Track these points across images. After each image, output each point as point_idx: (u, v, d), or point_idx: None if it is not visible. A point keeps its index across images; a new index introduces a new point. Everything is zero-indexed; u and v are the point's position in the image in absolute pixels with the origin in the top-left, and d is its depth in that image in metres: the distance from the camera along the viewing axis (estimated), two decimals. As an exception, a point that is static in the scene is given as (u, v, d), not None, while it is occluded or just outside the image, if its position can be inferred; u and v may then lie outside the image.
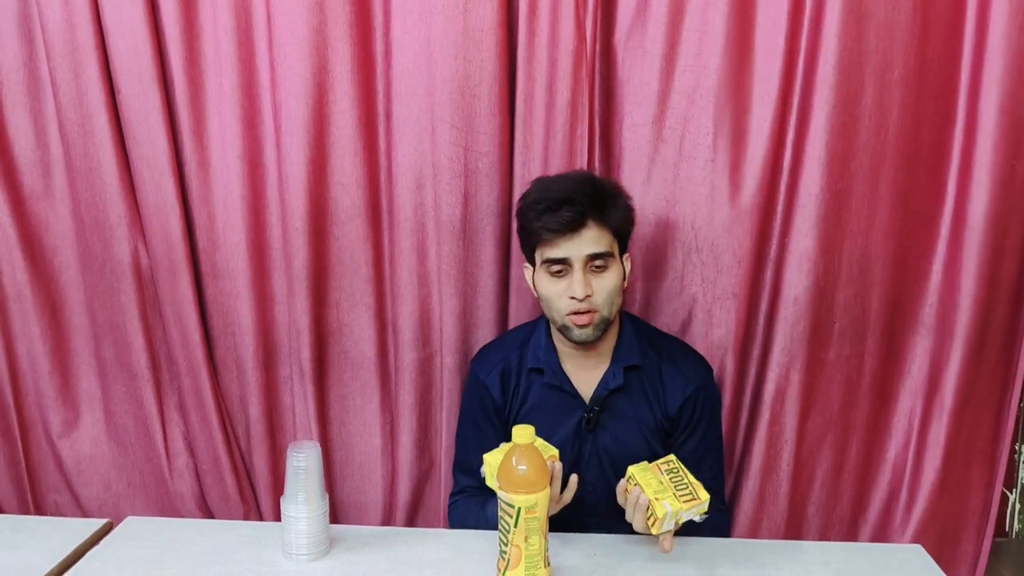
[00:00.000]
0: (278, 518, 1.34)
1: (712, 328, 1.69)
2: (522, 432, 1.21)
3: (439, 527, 1.79)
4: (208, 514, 1.86)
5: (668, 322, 1.72)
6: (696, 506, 1.25)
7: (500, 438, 1.52)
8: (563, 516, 1.35)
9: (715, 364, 1.65)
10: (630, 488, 1.30)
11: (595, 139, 1.66)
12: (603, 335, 1.45)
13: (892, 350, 1.72)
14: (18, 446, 1.86)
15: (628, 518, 1.31)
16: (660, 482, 1.28)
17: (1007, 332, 1.70)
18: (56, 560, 1.31)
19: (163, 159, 1.65)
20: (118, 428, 1.86)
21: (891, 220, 1.64)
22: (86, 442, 1.87)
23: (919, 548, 1.42)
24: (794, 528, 1.77)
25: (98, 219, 1.72)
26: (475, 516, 1.49)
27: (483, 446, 1.47)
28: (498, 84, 1.61)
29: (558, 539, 1.36)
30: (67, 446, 1.87)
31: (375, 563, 1.33)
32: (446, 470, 1.75)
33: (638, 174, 1.66)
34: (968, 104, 1.60)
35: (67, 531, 1.40)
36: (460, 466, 1.60)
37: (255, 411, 1.79)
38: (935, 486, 1.72)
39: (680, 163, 1.65)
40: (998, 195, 1.58)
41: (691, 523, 1.29)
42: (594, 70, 1.63)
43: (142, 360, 1.79)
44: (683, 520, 1.27)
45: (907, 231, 1.66)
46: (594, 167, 1.66)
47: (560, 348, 1.52)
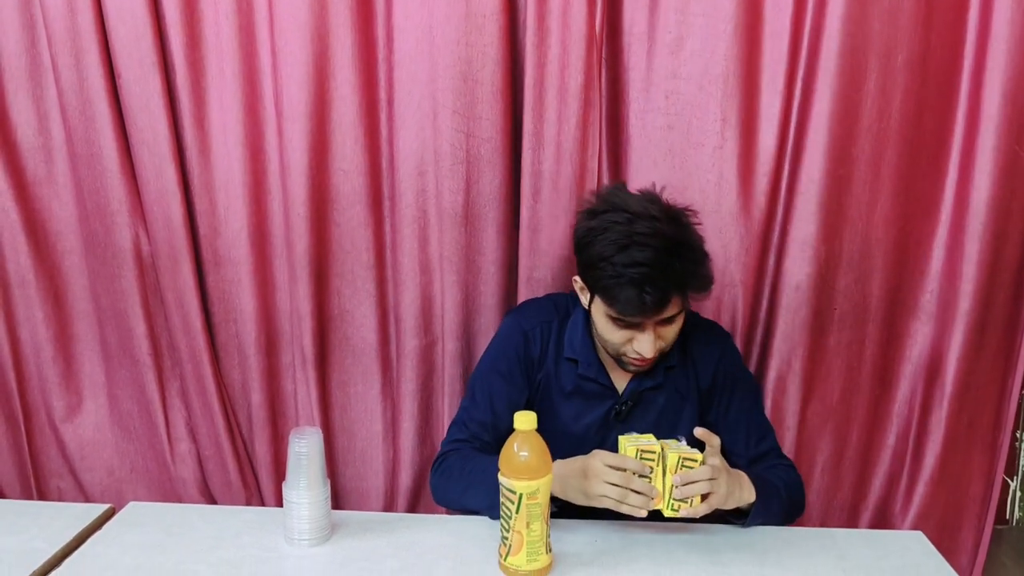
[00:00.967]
0: (280, 504, 1.35)
1: (719, 316, 1.68)
2: (524, 419, 1.21)
3: (441, 514, 1.80)
4: (210, 500, 1.87)
5: (673, 310, 1.71)
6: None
7: (526, 396, 1.48)
8: (576, 507, 1.33)
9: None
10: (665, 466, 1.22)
11: (603, 125, 1.66)
12: None
13: (893, 336, 1.72)
14: (21, 431, 1.87)
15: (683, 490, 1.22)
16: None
17: (1008, 319, 1.70)
18: (59, 545, 1.31)
19: (164, 145, 1.65)
20: (121, 414, 1.87)
21: (893, 206, 1.63)
22: (89, 428, 1.88)
23: (919, 535, 1.42)
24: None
25: (100, 205, 1.71)
26: (467, 478, 1.40)
27: (510, 397, 1.45)
28: (501, 69, 1.60)
29: (560, 525, 1.36)
30: (70, 431, 1.88)
31: (377, 548, 1.33)
32: (448, 456, 1.75)
33: (646, 161, 1.65)
34: (971, 90, 1.59)
35: (70, 516, 1.40)
36: (466, 419, 1.49)
37: (257, 397, 1.79)
38: (935, 473, 1.73)
39: (688, 150, 1.64)
40: (1000, 181, 1.58)
41: (787, 485, 1.36)
42: (602, 56, 1.62)
43: (144, 346, 1.79)
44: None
45: (908, 217, 1.65)
46: (602, 154, 1.65)
47: (599, 345, 1.46)
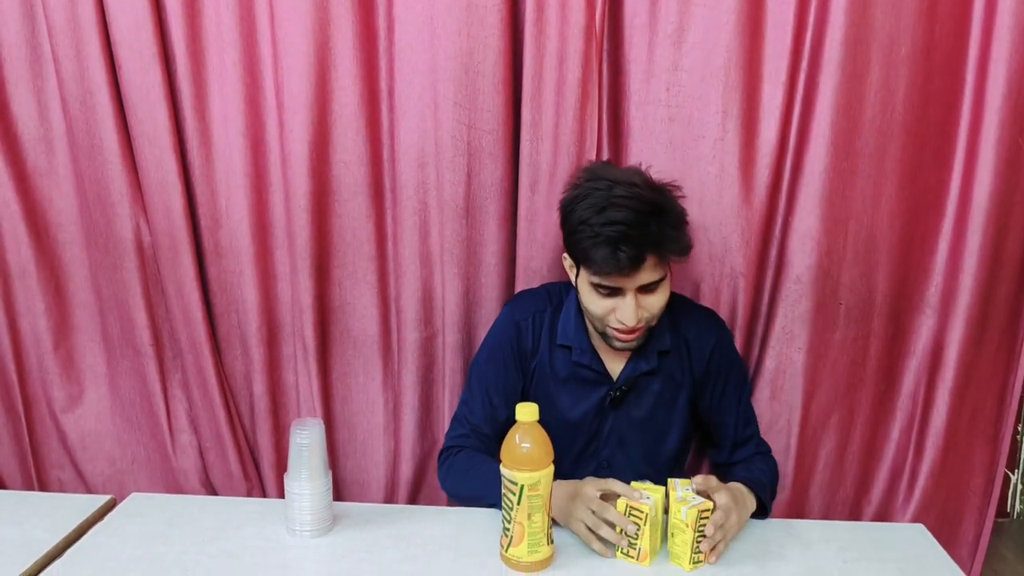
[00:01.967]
0: (282, 495, 1.35)
1: (718, 307, 1.68)
2: (526, 410, 1.21)
3: (441, 505, 1.80)
4: (212, 491, 1.87)
5: (674, 300, 1.71)
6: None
7: (520, 387, 1.50)
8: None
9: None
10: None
11: (603, 117, 1.65)
12: None
13: (897, 331, 1.72)
14: (22, 422, 1.87)
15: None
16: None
17: (1010, 312, 1.70)
18: (60, 535, 1.31)
19: (164, 136, 1.64)
20: (122, 404, 1.87)
21: (897, 200, 1.62)
22: (90, 418, 1.88)
23: (920, 527, 1.43)
24: (796, 510, 1.77)
25: (100, 196, 1.71)
26: (471, 482, 1.44)
27: (506, 389, 1.46)
28: (502, 61, 1.59)
29: (560, 517, 1.36)
30: (71, 422, 1.88)
31: (378, 539, 1.33)
32: (449, 448, 1.75)
33: (647, 153, 1.65)
34: (975, 83, 1.58)
35: (71, 507, 1.41)
36: (466, 413, 1.52)
37: (259, 388, 1.79)
38: (937, 466, 1.72)
39: (689, 142, 1.64)
40: (1003, 174, 1.57)
41: (771, 478, 1.47)
42: (602, 47, 1.61)
43: (145, 337, 1.79)
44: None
45: (913, 211, 1.65)
46: (602, 146, 1.65)
47: (591, 329, 1.48)
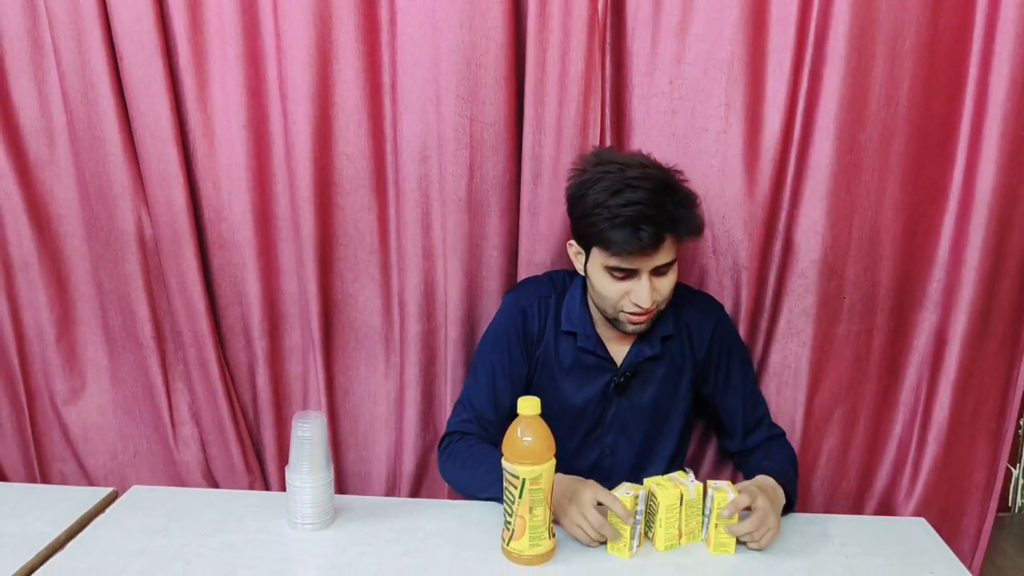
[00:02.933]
0: (283, 488, 1.35)
1: (722, 300, 1.67)
2: (528, 403, 1.21)
3: (443, 499, 1.80)
4: (213, 484, 1.87)
5: (678, 292, 1.70)
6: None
7: (525, 373, 1.52)
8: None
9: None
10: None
11: (606, 110, 1.65)
12: None
13: (901, 326, 1.71)
14: (25, 415, 1.87)
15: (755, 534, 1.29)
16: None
17: (1013, 307, 1.69)
18: (62, 528, 1.31)
19: (166, 128, 1.64)
20: (125, 397, 1.87)
21: (901, 193, 1.62)
22: (92, 411, 1.88)
23: (922, 521, 1.43)
24: (798, 503, 1.75)
25: (102, 188, 1.71)
26: (469, 472, 1.44)
27: (511, 375, 1.47)
28: (505, 54, 1.59)
29: (562, 510, 1.36)
30: (73, 414, 1.88)
31: (379, 533, 1.33)
32: (451, 442, 1.75)
33: (649, 146, 1.64)
34: (979, 76, 1.57)
35: (73, 499, 1.41)
36: (470, 398, 1.53)
37: (261, 380, 1.79)
38: (939, 461, 1.72)
39: (691, 135, 1.63)
40: (1006, 168, 1.57)
41: (792, 465, 1.52)
42: (605, 40, 1.60)
43: (147, 330, 1.79)
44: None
45: (917, 204, 1.64)
46: (605, 138, 1.65)
47: (596, 316, 1.50)
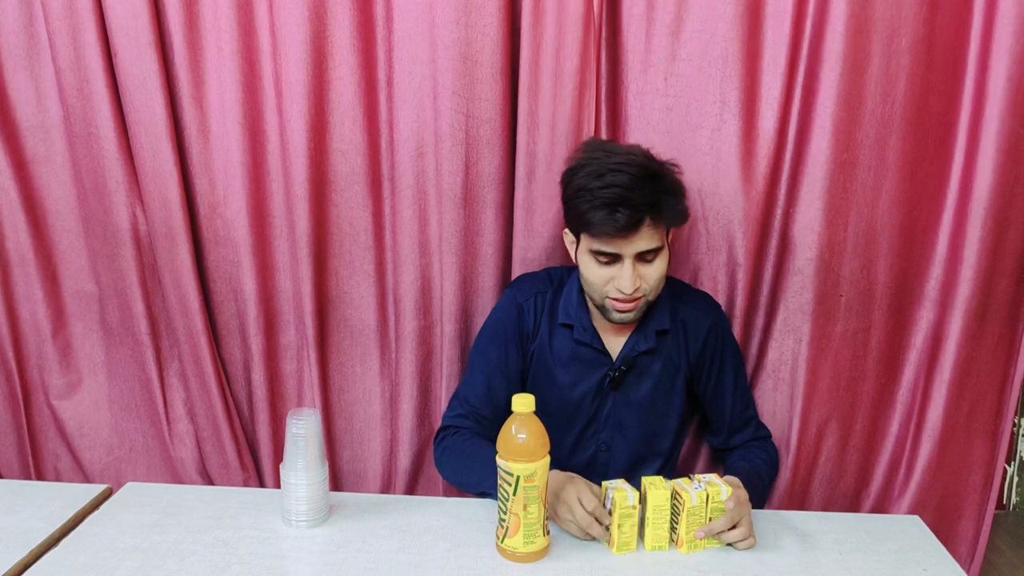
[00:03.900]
0: (278, 485, 1.35)
1: (717, 297, 1.67)
2: (522, 401, 1.21)
3: (439, 496, 1.80)
4: (208, 480, 1.86)
5: (672, 290, 1.70)
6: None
7: (520, 368, 1.53)
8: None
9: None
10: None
11: (601, 107, 1.65)
12: None
13: (898, 323, 1.71)
14: (20, 410, 1.87)
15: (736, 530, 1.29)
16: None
17: (1010, 305, 1.69)
18: (56, 524, 1.31)
19: (161, 124, 1.63)
20: (120, 393, 1.87)
21: (898, 191, 1.62)
22: (88, 406, 1.88)
23: (916, 519, 1.44)
24: (797, 502, 1.77)
25: (97, 184, 1.70)
26: (463, 465, 1.45)
27: (507, 371, 1.48)
28: (500, 50, 1.58)
29: (557, 508, 1.36)
30: (69, 410, 1.87)
31: (374, 530, 1.33)
32: (446, 439, 1.75)
33: (644, 142, 1.62)
34: (977, 73, 1.57)
35: (67, 496, 1.41)
36: (466, 393, 1.55)
37: (257, 377, 1.79)
38: (933, 460, 1.71)
39: (686, 132, 1.63)
40: (1003, 165, 1.56)
41: (769, 466, 1.54)
42: (600, 37, 1.60)
43: (142, 326, 1.78)
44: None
45: (914, 202, 1.64)
46: (600, 135, 1.65)
47: (592, 308, 1.50)
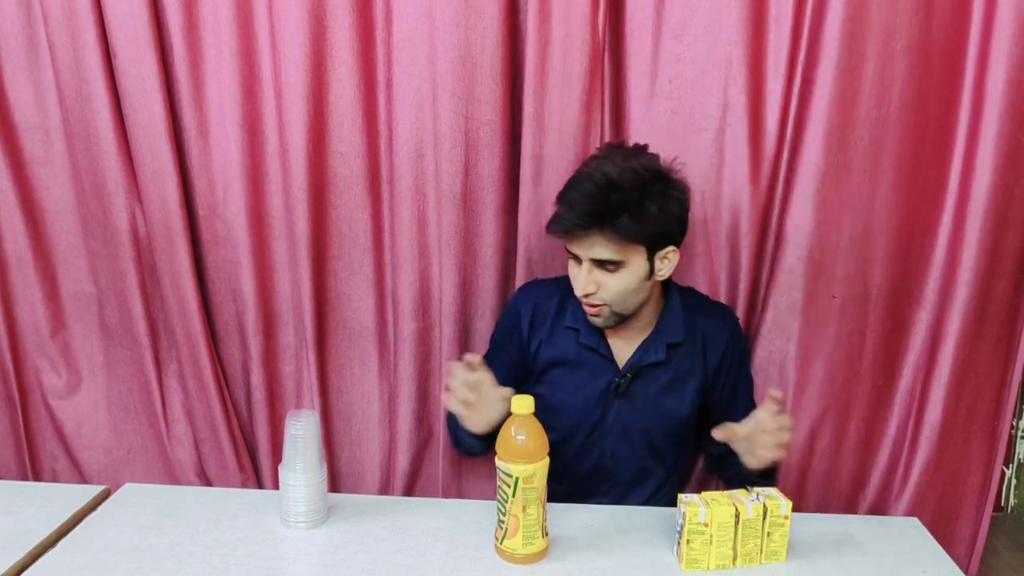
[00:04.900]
0: (277, 486, 1.35)
1: (718, 298, 1.68)
2: (521, 403, 1.21)
3: (437, 497, 1.80)
4: (206, 482, 1.86)
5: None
6: None
7: (517, 368, 1.54)
8: (577, 480, 1.34)
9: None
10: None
11: (605, 109, 1.65)
12: (639, 311, 1.45)
13: (896, 326, 1.71)
14: (18, 411, 1.86)
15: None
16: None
17: (1009, 307, 1.69)
18: (54, 525, 1.31)
19: (160, 126, 1.63)
20: (119, 394, 1.87)
21: (895, 193, 1.62)
22: (86, 407, 1.88)
23: (915, 520, 1.44)
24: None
25: (96, 185, 1.70)
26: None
27: (507, 367, 1.50)
28: (501, 52, 1.58)
29: (556, 509, 1.37)
30: (67, 411, 1.87)
31: (373, 531, 1.33)
32: (444, 440, 1.75)
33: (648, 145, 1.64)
34: (975, 76, 1.57)
35: (66, 497, 1.41)
36: None
37: (256, 379, 1.79)
38: (931, 462, 1.71)
39: (690, 134, 1.64)
40: (1002, 168, 1.57)
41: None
42: (604, 39, 1.60)
43: (141, 327, 1.78)
44: None
45: (911, 205, 1.64)
46: (604, 138, 1.65)
47: None
